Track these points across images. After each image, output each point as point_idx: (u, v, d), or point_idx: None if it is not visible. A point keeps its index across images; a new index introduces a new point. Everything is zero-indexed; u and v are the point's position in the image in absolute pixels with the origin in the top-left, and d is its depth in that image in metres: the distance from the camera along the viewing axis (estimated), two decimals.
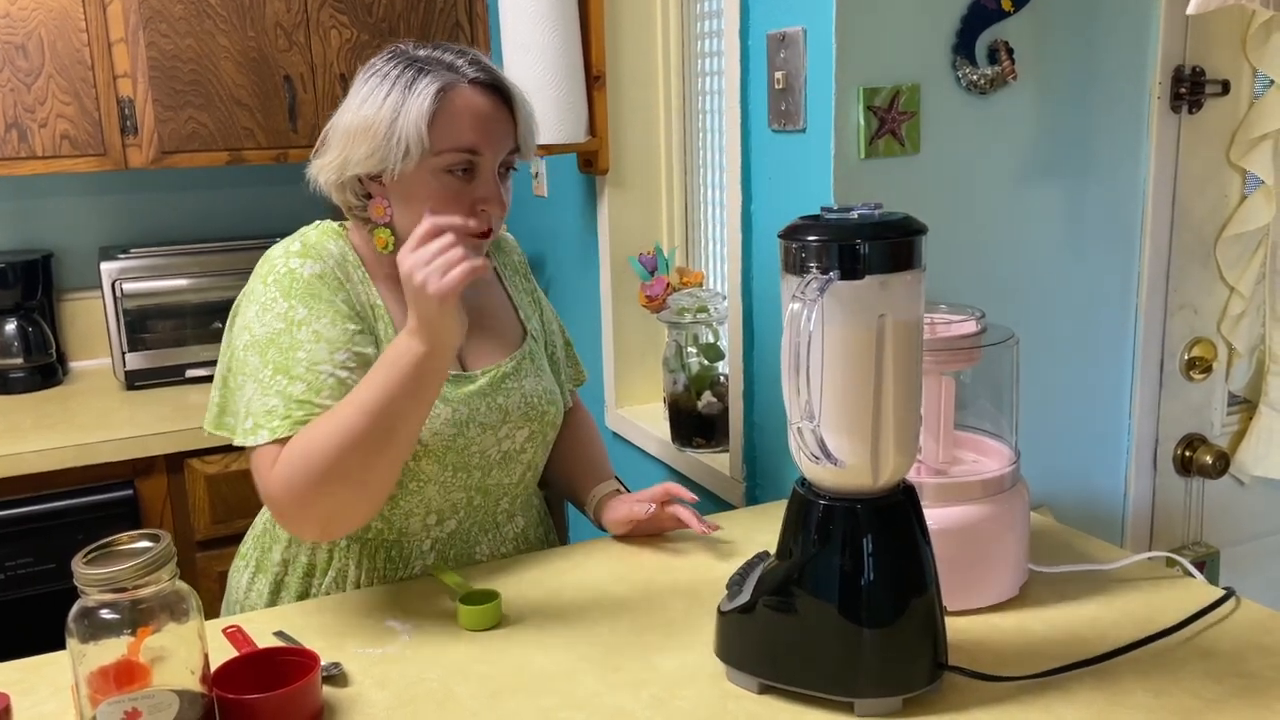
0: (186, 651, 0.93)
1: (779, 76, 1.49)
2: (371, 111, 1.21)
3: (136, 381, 2.35)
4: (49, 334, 2.42)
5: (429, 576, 1.30)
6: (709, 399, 1.88)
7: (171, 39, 2.22)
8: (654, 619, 1.19)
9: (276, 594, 1.34)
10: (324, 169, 1.26)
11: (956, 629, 1.09)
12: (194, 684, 0.94)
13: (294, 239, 1.29)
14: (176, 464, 2.07)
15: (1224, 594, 1.16)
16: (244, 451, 1.21)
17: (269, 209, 2.70)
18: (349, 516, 1.19)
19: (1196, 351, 1.70)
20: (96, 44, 2.18)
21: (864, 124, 1.41)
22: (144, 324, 2.33)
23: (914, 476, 1.09)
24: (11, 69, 2.13)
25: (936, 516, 1.11)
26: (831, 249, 0.96)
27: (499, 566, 1.34)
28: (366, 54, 2.38)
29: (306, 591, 1.33)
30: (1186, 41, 1.58)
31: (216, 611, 2.05)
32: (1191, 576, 1.25)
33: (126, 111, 2.22)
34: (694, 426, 1.90)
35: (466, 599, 1.20)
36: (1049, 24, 1.50)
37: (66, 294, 2.55)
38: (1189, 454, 1.72)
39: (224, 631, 1.15)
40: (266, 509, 1.37)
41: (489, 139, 1.23)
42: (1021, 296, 1.56)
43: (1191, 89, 1.59)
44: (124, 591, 0.89)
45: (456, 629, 1.18)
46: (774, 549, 1.06)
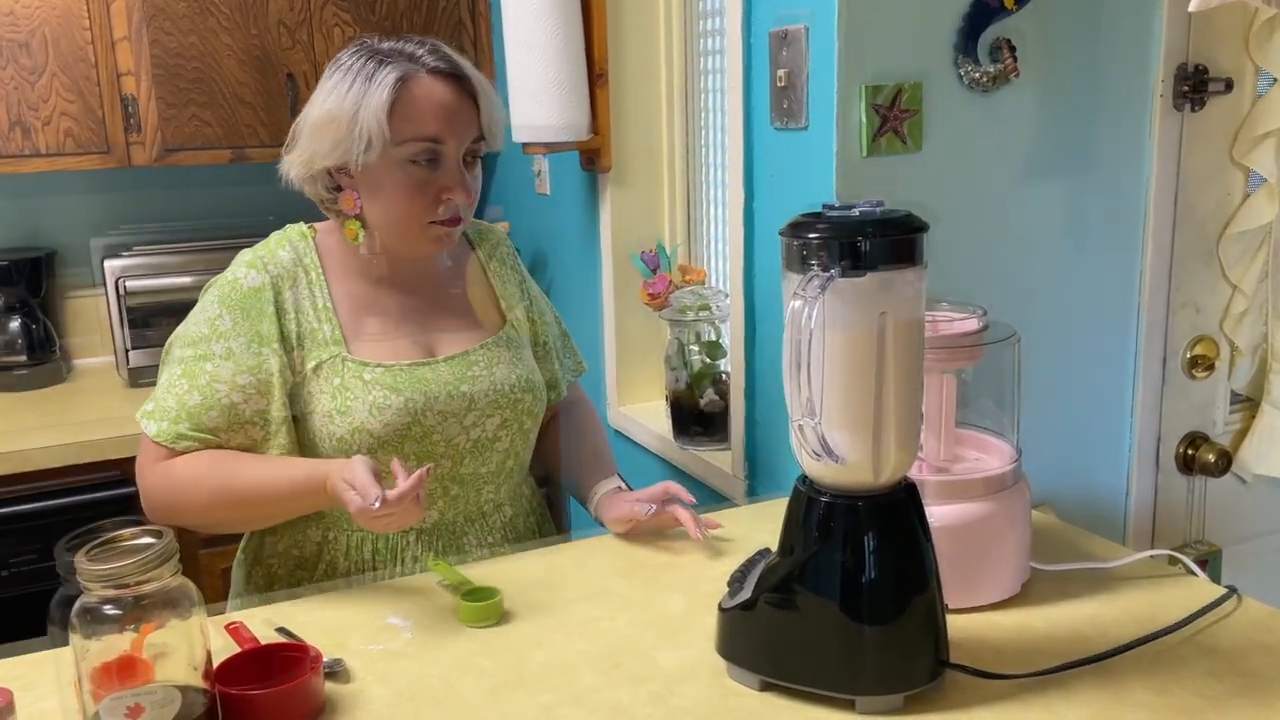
0: (188, 647, 0.93)
1: (781, 74, 1.49)
2: (335, 104, 1.23)
3: (139, 379, 2.35)
4: (52, 331, 2.43)
5: (430, 573, 1.30)
6: (710, 396, 1.87)
7: (175, 37, 2.22)
8: (655, 615, 1.19)
9: (270, 587, 1.36)
10: (293, 164, 1.29)
11: (958, 627, 1.09)
12: (196, 680, 0.94)
13: (257, 246, 1.34)
14: None
15: (1226, 592, 1.16)
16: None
17: (272, 207, 2.68)
18: (188, 528, 1.31)
19: (1199, 350, 1.69)
20: (100, 42, 2.18)
21: (866, 122, 1.41)
22: (147, 321, 2.34)
23: (915, 474, 1.09)
24: (15, 67, 2.13)
25: (938, 514, 1.11)
26: (833, 246, 0.96)
27: (500, 562, 1.34)
28: None
29: (299, 583, 1.35)
30: (1190, 39, 1.58)
31: (219, 607, 2.06)
32: (1193, 575, 1.24)
33: (130, 109, 2.22)
34: (695, 423, 1.90)
35: (468, 595, 1.20)
36: (1052, 21, 1.50)
37: (69, 292, 2.55)
38: (1191, 452, 1.72)
39: (226, 627, 1.15)
40: None
41: (450, 128, 1.24)
42: (1023, 294, 1.56)
43: (1195, 87, 1.58)
44: (127, 588, 0.89)
45: (458, 625, 1.18)
46: (775, 546, 1.06)
